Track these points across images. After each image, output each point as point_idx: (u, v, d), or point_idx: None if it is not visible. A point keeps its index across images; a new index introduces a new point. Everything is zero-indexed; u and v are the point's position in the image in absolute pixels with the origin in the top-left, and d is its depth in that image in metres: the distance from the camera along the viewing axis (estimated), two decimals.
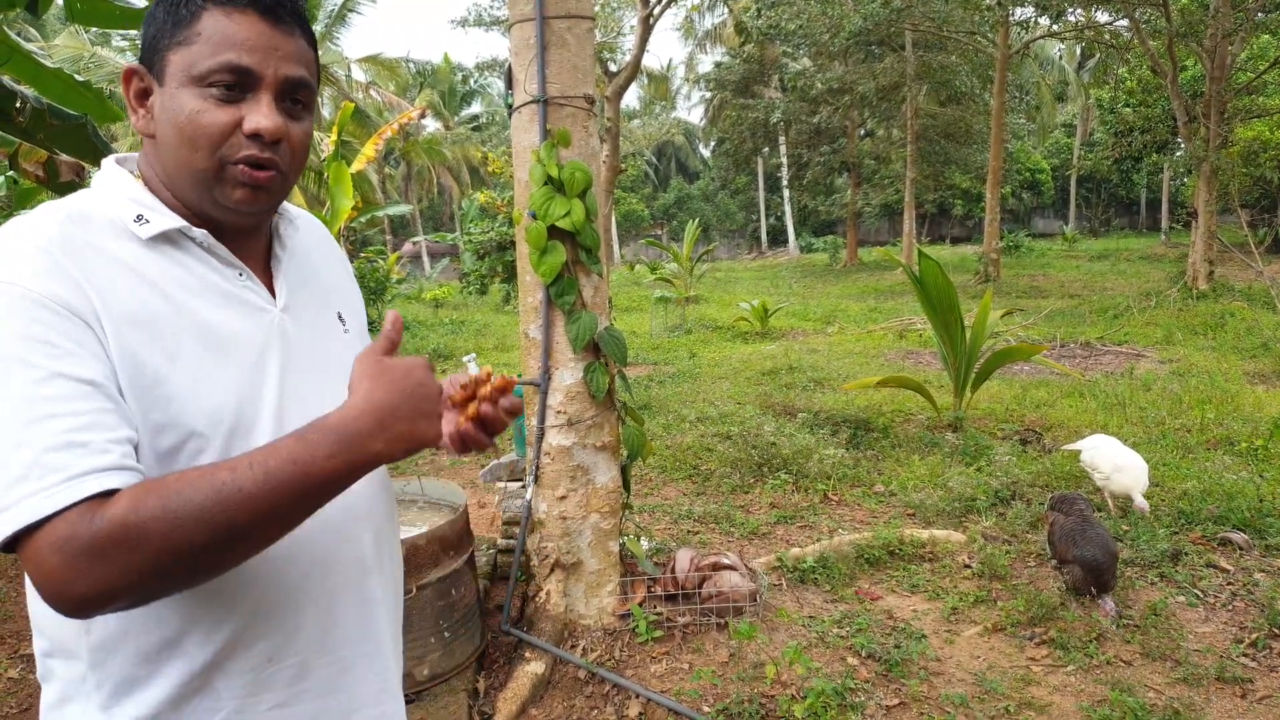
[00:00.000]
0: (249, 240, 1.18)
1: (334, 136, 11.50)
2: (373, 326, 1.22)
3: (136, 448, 0.98)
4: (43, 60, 4.34)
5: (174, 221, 1.08)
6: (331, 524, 1.13)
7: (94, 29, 17.96)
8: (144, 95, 1.10)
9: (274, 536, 0.96)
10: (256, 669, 1.09)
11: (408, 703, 2.02)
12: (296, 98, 1.10)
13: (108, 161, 1.15)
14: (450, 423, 1.07)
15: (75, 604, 0.88)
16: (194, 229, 1.09)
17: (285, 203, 1.27)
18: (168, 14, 1.06)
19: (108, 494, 0.89)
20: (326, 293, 1.29)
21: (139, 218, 1.07)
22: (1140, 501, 4.58)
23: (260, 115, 1.05)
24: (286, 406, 1.12)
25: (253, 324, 1.12)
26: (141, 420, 0.99)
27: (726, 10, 35.06)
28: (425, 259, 38.25)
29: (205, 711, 1.07)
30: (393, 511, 1.33)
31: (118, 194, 1.09)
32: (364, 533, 1.20)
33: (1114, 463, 4.70)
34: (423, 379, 1.01)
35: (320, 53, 1.22)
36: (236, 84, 1.05)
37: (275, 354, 1.13)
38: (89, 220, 1.05)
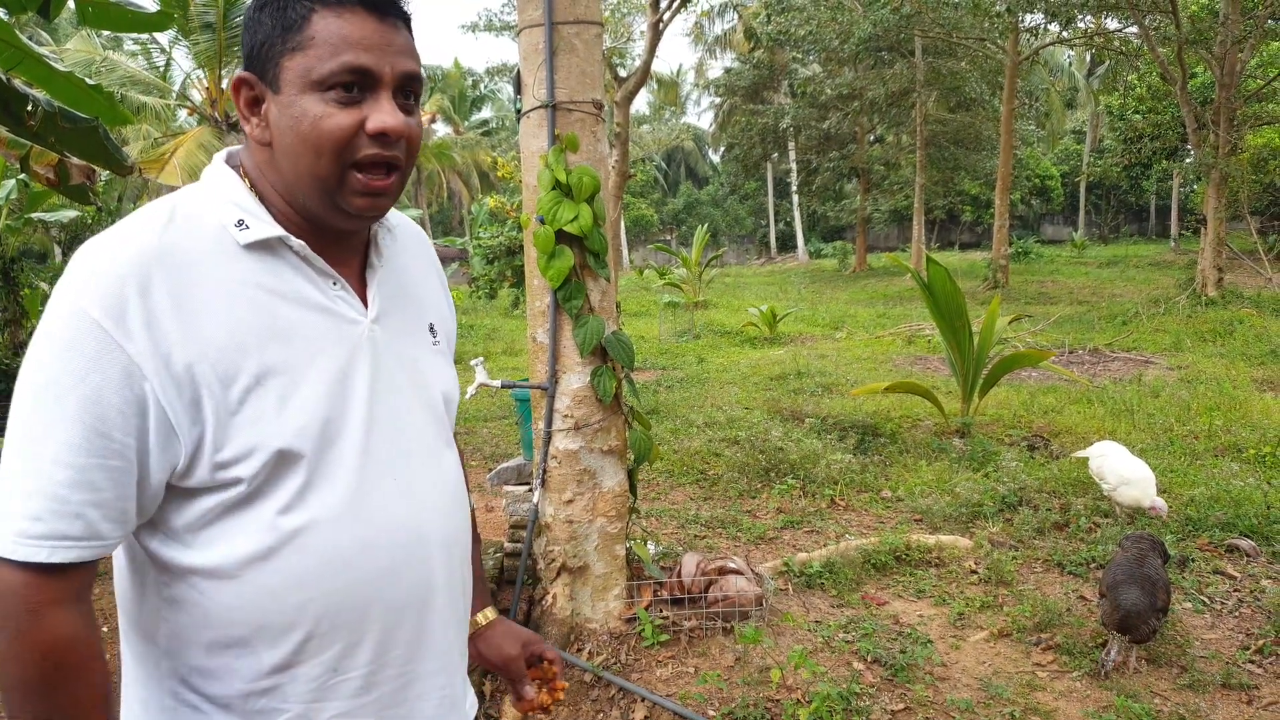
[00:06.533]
0: (346, 249, 1.18)
1: None
2: None
3: (200, 477, 1.03)
4: (54, 64, 4.38)
5: (273, 230, 1.08)
6: (399, 542, 1.14)
7: (106, 33, 18.07)
8: (255, 104, 1.09)
9: None
10: (322, 677, 1.11)
11: None
12: (409, 91, 1.10)
13: (218, 158, 1.15)
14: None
15: None
16: (292, 239, 1.09)
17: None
18: (275, 19, 1.05)
19: (80, 567, 0.99)
20: (420, 303, 1.29)
21: (240, 223, 1.07)
22: (1157, 503, 4.56)
23: (385, 114, 1.05)
24: (376, 417, 1.13)
25: (342, 336, 1.12)
26: (222, 448, 1.02)
27: (736, 16, 35.15)
28: None
29: (271, 711, 1.10)
30: (465, 527, 1.30)
31: (223, 196, 1.10)
32: (432, 551, 1.18)
33: (1120, 475, 4.68)
34: None
35: None
36: (356, 84, 1.04)
37: (364, 366, 1.13)
38: (193, 224, 1.06)
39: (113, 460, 0.97)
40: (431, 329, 1.29)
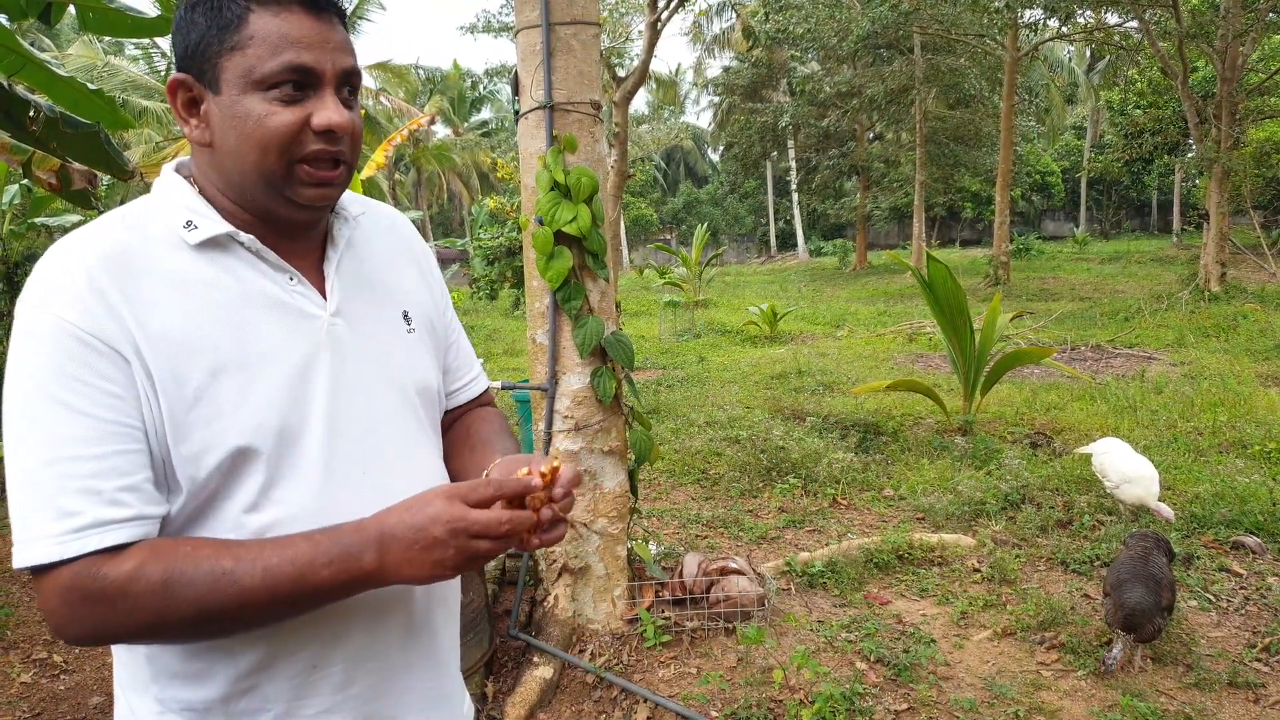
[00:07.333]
0: (302, 242, 1.17)
1: None
2: None
3: (168, 474, 1.03)
4: (56, 69, 4.38)
5: (221, 227, 1.08)
6: None
7: (107, 38, 18.08)
8: (193, 105, 1.09)
9: (267, 624, 1.03)
10: (302, 674, 1.10)
11: None
12: (351, 87, 1.11)
13: (167, 167, 1.16)
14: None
15: (69, 641, 1.00)
16: (241, 234, 1.09)
17: (347, 198, 1.27)
18: (210, 19, 1.05)
19: (117, 547, 0.96)
20: (389, 291, 1.26)
21: (189, 224, 1.08)
22: (1163, 510, 4.55)
23: (330, 111, 1.06)
24: (340, 413, 1.12)
25: (300, 331, 1.11)
26: (180, 444, 1.01)
27: (734, 15, 35.10)
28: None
29: (253, 712, 1.09)
30: None
31: (173, 200, 1.10)
32: None
33: (1122, 473, 4.67)
34: (435, 516, 0.98)
35: None
36: (299, 82, 1.05)
37: (324, 361, 1.12)
38: (144, 229, 1.07)
39: (127, 444, 0.98)
40: (405, 317, 1.26)
